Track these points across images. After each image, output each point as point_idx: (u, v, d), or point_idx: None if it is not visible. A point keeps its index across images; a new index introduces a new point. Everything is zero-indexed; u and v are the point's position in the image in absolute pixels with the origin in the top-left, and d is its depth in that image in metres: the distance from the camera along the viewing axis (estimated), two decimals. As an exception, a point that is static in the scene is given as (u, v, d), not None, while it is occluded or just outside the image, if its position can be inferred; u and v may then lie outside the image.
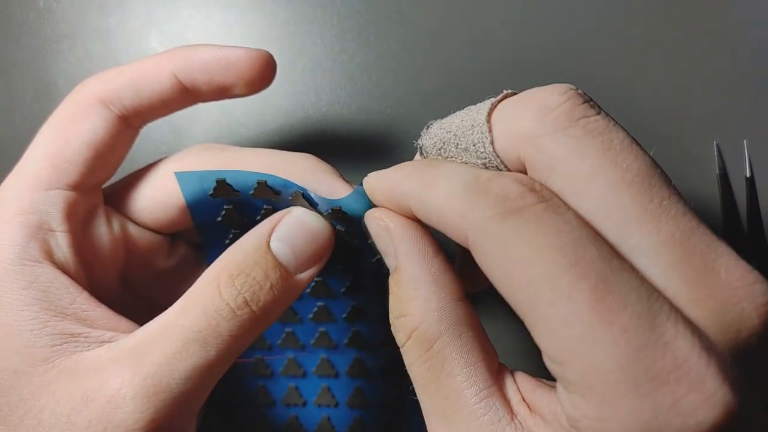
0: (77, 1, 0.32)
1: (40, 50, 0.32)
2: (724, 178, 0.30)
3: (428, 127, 0.20)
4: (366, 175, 0.20)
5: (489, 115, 0.17)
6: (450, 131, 0.18)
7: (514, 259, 0.14)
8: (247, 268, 0.18)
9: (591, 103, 0.16)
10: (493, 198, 0.15)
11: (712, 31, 0.31)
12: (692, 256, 0.14)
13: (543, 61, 0.31)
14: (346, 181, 0.21)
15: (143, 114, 0.22)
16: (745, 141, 0.30)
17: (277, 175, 0.20)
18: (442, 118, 0.19)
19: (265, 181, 0.20)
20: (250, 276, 0.18)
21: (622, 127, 0.16)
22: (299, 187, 0.20)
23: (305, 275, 0.20)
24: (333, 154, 0.29)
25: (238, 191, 0.21)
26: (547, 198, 0.15)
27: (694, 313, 0.14)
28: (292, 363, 0.25)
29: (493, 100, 0.17)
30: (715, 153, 0.30)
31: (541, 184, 0.16)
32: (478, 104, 0.18)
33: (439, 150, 0.19)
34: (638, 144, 0.16)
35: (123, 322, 0.19)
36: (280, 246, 0.19)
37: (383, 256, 0.19)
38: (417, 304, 0.17)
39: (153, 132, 0.31)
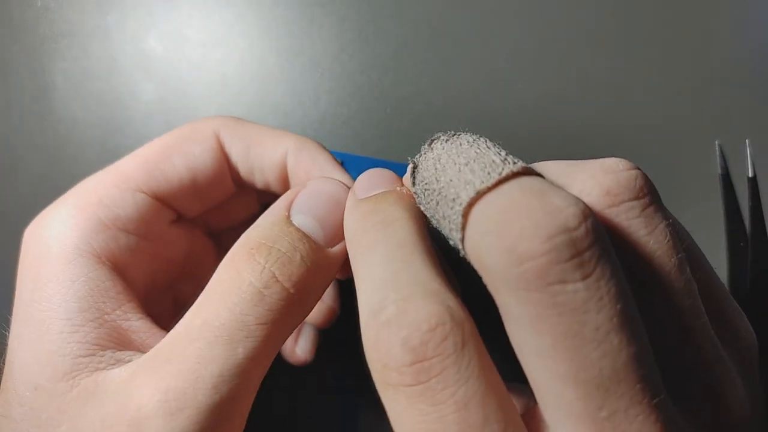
0: None
1: (37, 49, 0.32)
2: (726, 178, 0.30)
3: (432, 144, 0.15)
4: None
5: (468, 207, 0.13)
6: (440, 182, 0.14)
7: (394, 423, 0.13)
8: (269, 240, 0.15)
9: (593, 250, 0.12)
10: (380, 357, 0.13)
11: (713, 31, 0.31)
12: None
13: (543, 59, 0.31)
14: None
15: (251, 177, 0.21)
16: (747, 141, 0.30)
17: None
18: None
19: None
20: (275, 248, 0.15)
21: (631, 297, 0.12)
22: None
23: (338, 249, 0.16)
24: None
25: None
26: (433, 374, 0.12)
27: None
28: None
29: (478, 187, 0.13)
30: (717, 153, 0.30)
31: (443, 340, 0.12)
32: (485, 157, 0.14)
33: (425, 191, 0.15)
34: (634, 328, 0.12)
35: (161, 337, 0.17)
36: (303, 218, 0.16)
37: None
38: None
39: (151, 132, 0.31)
